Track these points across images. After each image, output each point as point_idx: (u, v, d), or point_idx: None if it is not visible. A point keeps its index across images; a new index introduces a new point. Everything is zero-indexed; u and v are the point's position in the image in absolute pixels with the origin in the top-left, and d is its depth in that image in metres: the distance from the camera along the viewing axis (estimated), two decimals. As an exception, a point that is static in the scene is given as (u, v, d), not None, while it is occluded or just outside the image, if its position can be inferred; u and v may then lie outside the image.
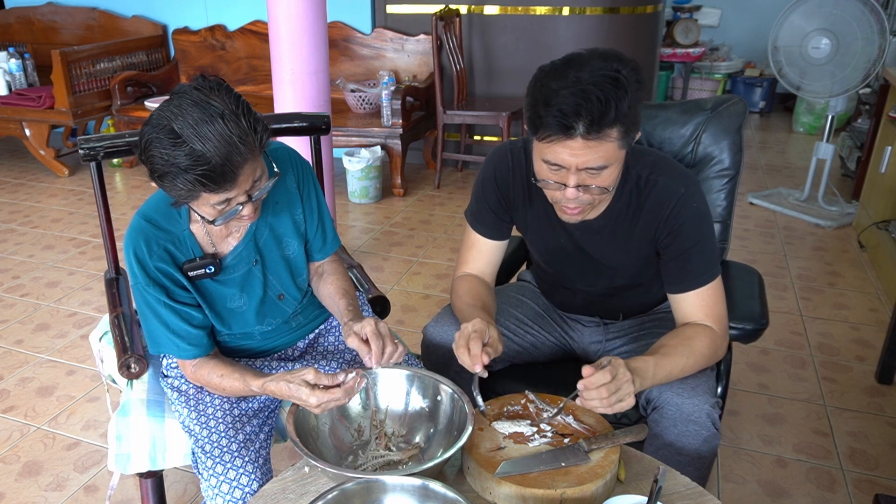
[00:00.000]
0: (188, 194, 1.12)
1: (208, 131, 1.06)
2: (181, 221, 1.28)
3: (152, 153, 1.08)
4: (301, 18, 2.83)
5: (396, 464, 1.20)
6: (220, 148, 1.06)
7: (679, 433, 1.26)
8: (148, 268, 1.24)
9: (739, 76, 6.09)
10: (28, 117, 4.34)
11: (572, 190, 1.21)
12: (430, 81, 4.24)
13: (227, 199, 1.14)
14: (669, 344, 1.27)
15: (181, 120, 1.06)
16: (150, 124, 1.09)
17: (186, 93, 1.09)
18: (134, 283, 1.26)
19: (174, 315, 1.27)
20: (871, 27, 3.29)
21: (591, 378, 1.11)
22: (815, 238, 3.56)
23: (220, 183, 1.09)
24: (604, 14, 4.10)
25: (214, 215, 1.17)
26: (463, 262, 1.53)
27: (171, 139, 1.06)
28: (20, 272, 3.19)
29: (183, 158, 1.06)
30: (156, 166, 1.09)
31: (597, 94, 1.10)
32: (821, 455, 2.04)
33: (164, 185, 1.12)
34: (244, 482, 1.25)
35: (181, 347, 1.29)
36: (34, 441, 2.10)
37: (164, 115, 1.08)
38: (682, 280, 1.33)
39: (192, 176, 1.07)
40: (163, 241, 1.26)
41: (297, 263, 1.42)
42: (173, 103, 1.09)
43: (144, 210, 1.28)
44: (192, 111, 1.06)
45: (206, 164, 1.06)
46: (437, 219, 3.82)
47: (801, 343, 2.61)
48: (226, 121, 1.07)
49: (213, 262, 1.28)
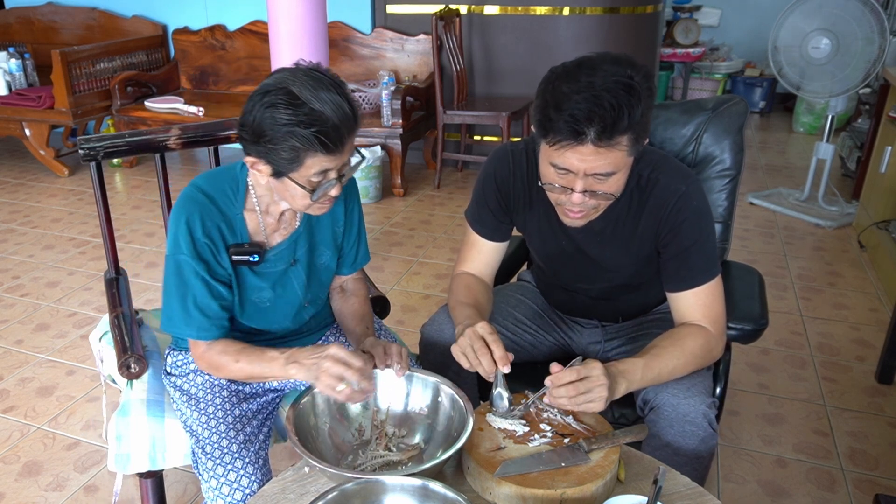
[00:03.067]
0: (294, 158, 1.13)
1: (325, 96, 1.11)
2: (236, 204, 1.28)
3: (269, 114, 1.11)
4: (301, 18, 2.84)
5: (396, 464, 1.20)
6: (336, 112, 1.11)
7: (676, 434, 1.26)
8: (197, 239, 1.23)
9: (739, 76, 6.09)
10: (28, 117, 4.34)
11: (579, 195, 1.20)
12: (430, 81, 4.24)
13: (326, 169, 1.16)
14: (661, 345, 1.27)
15: (299, 84, 1.11)
16: (261, 92, 1.12)
17: (296, 67, 1.15)
18: (174, 251, 1.24)
19: (206, 291, 1.25)
20: (871, 27, 3.29)
21: (560, 374, 1.14)
22: (815, 238, 3.56)
23: (334, 144, 1.13)
24: (604, 14, 4.10)
25: (311, 187, 1.18)
26: (462, 261, 1.53)
27: (290, 99, 1.10)
28: (20, 272, 3.19)
29: (303, 117, 1.09)
30: (267, 129, 1.11)
31: (610, 100, 1.09)
32: (821, 455, 2.04)
33: (270, 149, 1.13)
34: (244, 483, 1.25)
35: (202, 326, 1.25)
36: (34, 441, 2.10)
37: (279, 80, 1.12)
38: (680, 279, 1.33)
39: (309, 133, 1.10)
40: (216, 219, 1.25)
41: (327, 274, 1.43)
42: (286, 72, 1.14)
43: (201, 185, 1.27)
44: (307, 79, 1.12)
45: (325, 123, 1.10)
46: (437, 219, 3.82)
47: (801, 343, 2.61)
48: (337, 90, 1.13)
49: (259, 251, 1.29)
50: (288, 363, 1.21)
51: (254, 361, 1.25)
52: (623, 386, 1.19)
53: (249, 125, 1.14)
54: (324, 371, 1.16)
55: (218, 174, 1.30)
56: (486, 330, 1.22)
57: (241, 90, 4.82)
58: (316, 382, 1.18)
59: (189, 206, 1.24)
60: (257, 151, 1.16)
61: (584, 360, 1.18)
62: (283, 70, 1.16)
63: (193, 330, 1.26)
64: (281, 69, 1.17)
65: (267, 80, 1.15)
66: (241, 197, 1.28)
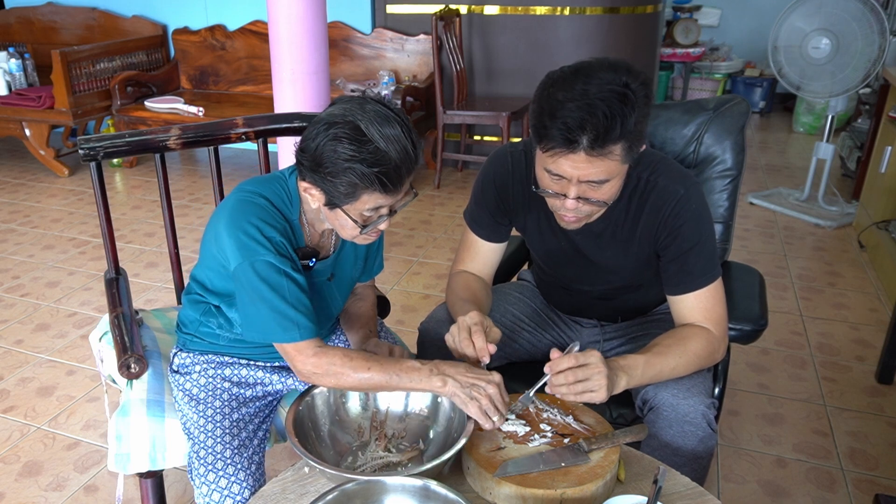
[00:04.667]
0: (351, 193, 1.12)
1: (391, 134, 1.09)
2: (294, 209, 1.27)
3: (328, 146, 1.10)
4: (301, 18, 2.83)
5: (395, 465, 1.20)
6: (400, 152, 1.10)
7: (675, 434, 1.26)
8: (272, 238, 1.19)
9: (739, 76, 6.09)
10: (28, 117, 4.34)
11: (572, 201, 1.21)
12: (430, 81, 4.24)
13: (381, 206, 1.16)
14: (663, 343, 1.27)
15: (366, 120, 1.09)
16: (328, 122, 1.11)
17: (364, 98, 1.13)
18: (250, 256, 1.16)
19: (296, 287, 1.19)
20: (871, 27, 3.28)
21: (558, 360, 1.15)
22: (815, 238, 3.56)
23: (393, 184, 1.12)
24: (604, 14, 4.09)
25: (363, 221, 1.17)
26: (460, 261, 1.53)
27: (357, 136, 1.09)
28: (20, 272, 3.19)
29: (368, 155, 1.08)
30: (328, 160, 1.10)
31: (603, 109, 1.09)
32: (821, 455, 2.04)
33: (328, 181, 1.12)
34: (235, 490, 1.24)
35: (301, 326, 1.17)
36: (34, 441, 2.10)
37: (346, 113, 1.11)
38: (680, 282, 1.33)
39: (371, 173, 1.09)
40: (281, 222, 1.23)
41: (353, 285, 1.46)
42: (354, 103, 1.12)
43: (256, 189, 1.23)
44: (375, 115, 1.10)
45: (388, 164, 1.09)
46: (437, 219, 3.82)
47: (801, 343, 2.61)
48: (402, 128, 1.11)
49: (316, 255, 1.29)
50: (433, 375, 1.15)
51: (388, 370, 1.17)
52: (623, 380, 1.19)
53: (310, 153, 1.13)
54: (486, 396, 1.13)
55: (270, 180, 1.27)
56: (473, 321, 1.23)
57: (241, 90, 4.82)
58: (467, 404, 1.13)
59: (250, 209, 1.20)
60: (314, 179, 1.15)
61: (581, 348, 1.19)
62: (352, 100, 1.13)
63: (295, 332, 1.18)
64: (348, 98, 1.14)
65: (333, 110, 1.13)
66: (296, 204, 1.27)
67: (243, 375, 1.40)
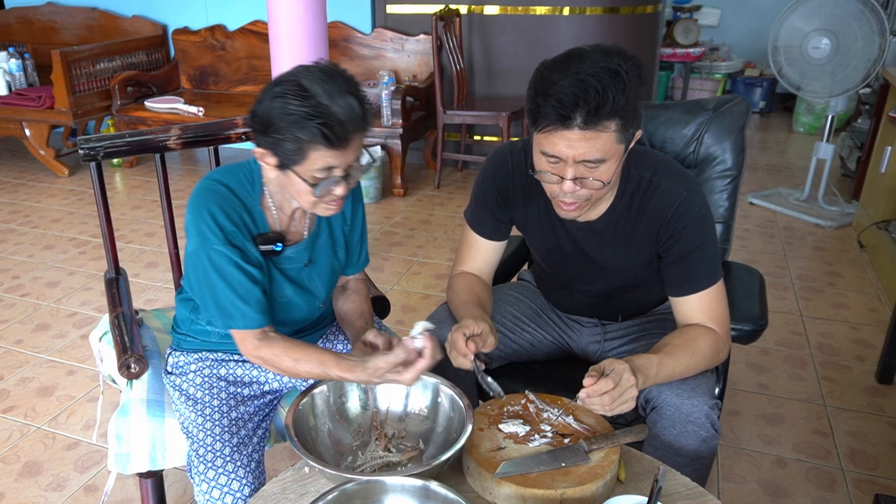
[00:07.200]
0: (299, 149, 1.14)
1: (335, 92, 1.12)
2: (255, 196, 1.29)
3: (275, 104, 1.12)
4: (301, 18, 2.84)
5: (395, 465, 1.20)
6: (343, 108, 1.12)
7: (678, 433, 1.26)
8: (225, 227, 1.22)
9: (739, 76, 6.09)
10: (28, 117, 4.34)
11: (569, 183, 1.20)
12: (430, 81, 4.24)
13: (332, 166, 1.16)
14: (673, 343, 1.27)
15: (310, 78, 1.13)
16: (274, 83, 1.15)
17: (313, 63, 1.17)
18: (201, 245, 1.22)
19: (245, 277, 1.23)
20: (871, 27, 3.28)
21: (595, 387, 1.12)
22: (815, 238, 3.56)
23: (339, 138, 1.13)
24: (604, 14, 4.09)
25: (313, 182, 1.18)
26: (461, 260, 1.53)
27: (300, 91, 1.12)
28: (20, 272, 3.19)
29: (309, 108, 1.11)
30: (275, 118, 1.13)
31: (595, 85, 1.11)
32: (821, 455, 2.04)
33: (278, 139, 1.14)
34: (235, 487, 1.25)
35: (246, 315, 1.23)
36: (34, 441, 2.10)
37: (292, 74, 1.15)
38: (683, 284, 1.33)
39: (314, 125, 1.11)
40: (238, 209, 1.25)
41: (339, 272, 1.46)
42: (301, 67, 1.16)
43: (218, 177, 1.27)
44: (320, 74, 1.14)
45: (330, 116, 1.11)
46: (437, 219, 3.82)
47: (801, 343, 2.61)
48: (349, 88, 1.14)
49: (282, 240, 1.29)
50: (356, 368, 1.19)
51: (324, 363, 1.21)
52: (640, 381, 1.17)
53: (259, 115, 1.15)
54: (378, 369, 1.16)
55: (233, 168, 1.30)
56: (462, 324, 1.25)
57: (241, 90, 4.82)
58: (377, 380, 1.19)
59: (210, 197, 1.24)
60: (265, 142, 1.17)
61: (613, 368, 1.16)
62: (298, 66, 1.17)
63: (240, 321, 1.24)
64: (297, 66, 1.18)
65: (279, 76, 1.16)
66: (257, 189, 1.29)
67: (239, 374, 1.40)
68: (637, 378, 1.16)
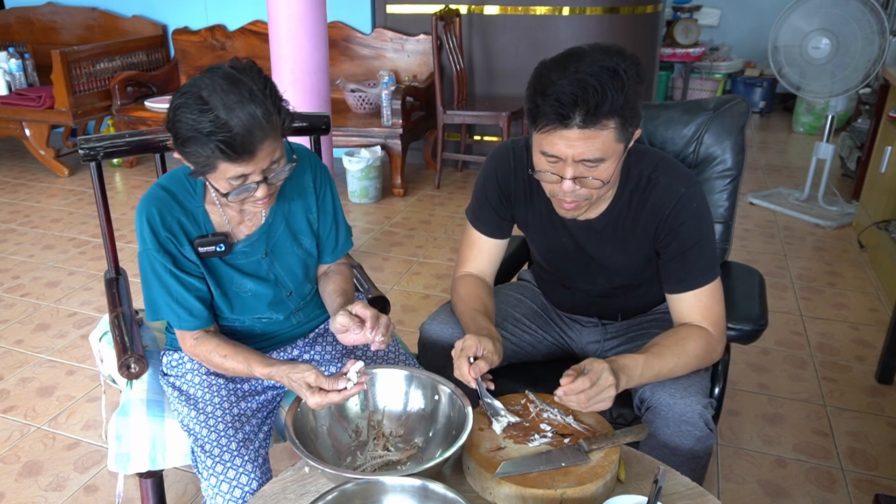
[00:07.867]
0: (206, 163, 1.13)
1: (234, 103, 1.09)
2: (196, 197, 1.30)
3: (179, 118, 1.11)
4: (301, 18, 2.84)
5: (395, 464, 1.20)
6: (244, 120, 1.09)
7: (672, 433, 1.27)
8: (159, 234, 1.26)
9: (739, 76, 6.09)
10: (28, 117, 4.34)
11: (569, 182, 1.21)
12: (430, 81, 4.24)
13: (244, 174, 1.15)
14: (662, 343, 1.27)
15: (210, 89, 1.10)
16: (180, 92, 1.13)
17: (220, 68, 1.14)
18: (143, 248, 1.28)
19: (178, 284, 1.28)
20: (871, 27, 3.28)
21: (571, 386, 1.14)
22: (815, 238, 3.56)
23: (239, 153, 1.11)
24: (604, 14, 4.09)
25: (228, 190, 1.18)
26: (463, 260, 1.53)
27: (199, 105, 1.09)
28: (20, 272, 3.19)
29: (207, 124, 1.08)
30: (180, 131, 1.12)
31: (594, 84, 1.11)
32: (821, 455, 2.04)
33: (186, 152, 1.14)
34: (244, 481, 1.25)
35: (182, 317, 1.29)
36: (34, 441, 2.10)
37: (195, 84, 1.12)
38: (680, 280, 1.33)
39: (213, 142, 1.09)
40: (176, 213, 1.28)
41: (310, 261, 1.44)
42: (206, 75, 1.13)
43: (162, 181, 1.30)
44: (223, 83, 1.10)
45: (229, 131, 1.09)
46: (437, 219, 3.82)
47: (801, 343, 2.61)
48: (253, 97, 1.11)
49: (225, 240, 1.30)
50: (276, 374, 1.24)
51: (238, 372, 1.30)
52: (623, 381, 1.19)
53: (167, 126, 1.15)
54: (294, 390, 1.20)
55: (177, 171, 1.32)
56: (460, 345, 1.23)
57: (241, 90, 4.81)
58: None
59: (149, 202, 1.27)
60: (179, 151, 1.16)
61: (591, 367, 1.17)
62: (206, 72, 1.14)
63: (175, 320, 1.30)
64: (206, 69, 1.15)
65: (186, 82, 1.14)
66: (200, 190, 1.30)
67: None
68: (619, 378, 1.17)
